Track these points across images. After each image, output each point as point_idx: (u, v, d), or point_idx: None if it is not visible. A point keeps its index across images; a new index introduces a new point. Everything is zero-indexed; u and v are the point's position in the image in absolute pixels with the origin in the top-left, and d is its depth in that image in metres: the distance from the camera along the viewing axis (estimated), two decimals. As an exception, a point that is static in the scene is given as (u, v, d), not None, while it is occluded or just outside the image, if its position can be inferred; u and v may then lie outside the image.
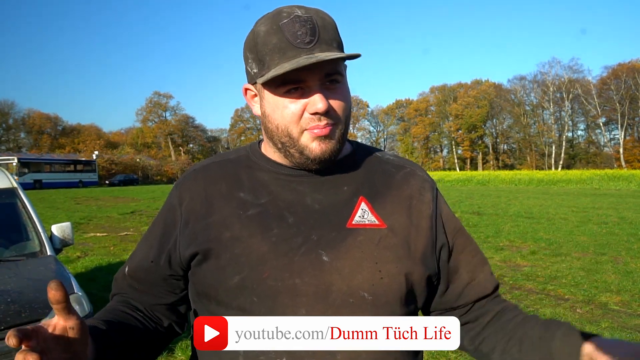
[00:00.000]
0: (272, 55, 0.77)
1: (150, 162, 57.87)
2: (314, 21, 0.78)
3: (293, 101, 0.79)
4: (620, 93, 56.09)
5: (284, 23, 0.77)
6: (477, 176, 41.91)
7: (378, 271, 0.79)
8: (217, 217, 0.83)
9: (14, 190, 3.68)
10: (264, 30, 0.78)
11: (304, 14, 0.78)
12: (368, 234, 0.81)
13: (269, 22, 0.79)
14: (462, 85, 73.02)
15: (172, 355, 3.70)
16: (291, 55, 0.76)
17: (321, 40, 0.77)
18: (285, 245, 0.79)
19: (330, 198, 0.84)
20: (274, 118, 0.81)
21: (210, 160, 0.94)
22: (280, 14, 0.78)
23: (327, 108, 0.78)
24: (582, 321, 4.32)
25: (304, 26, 0.77)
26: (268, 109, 0.82)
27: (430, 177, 0.94)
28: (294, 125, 0.80)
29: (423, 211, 0.86)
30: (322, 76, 0.78)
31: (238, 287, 0.78)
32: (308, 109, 0.78)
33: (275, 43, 0.77)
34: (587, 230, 9.76)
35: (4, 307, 2.57)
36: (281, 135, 0.81)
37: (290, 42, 0.76)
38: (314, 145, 0.80)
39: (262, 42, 0.78)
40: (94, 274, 6.33)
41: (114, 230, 10.87)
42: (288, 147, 0.82)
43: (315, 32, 0.77)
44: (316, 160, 0.81)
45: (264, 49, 0.78)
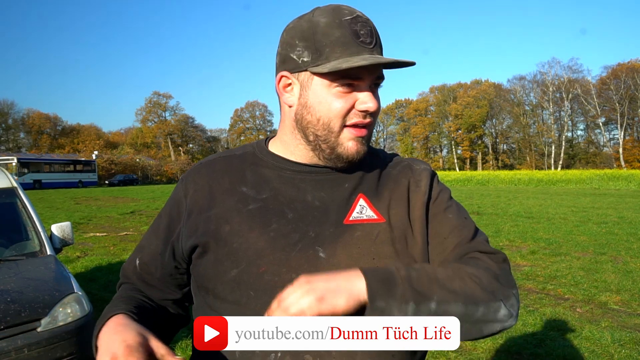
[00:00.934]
0: (334, 47, 0.78)
1: (149, 162, 57.81)
2: (372, 24, 0.81)
3: (344, 95, 0.80)
4: (619, 93, 56.07)
5: (346, 20, 0.78)
6: (476, 176, 41.87)
7: (376, 267, 0.79)
8: (218, 210, 0.84)
9: (13, 190, 3.68)
10: (325, 22, 0.79)
11: (363, 15, 0.81)
12: (366, 229, 0.82)
13: (330, 15, 0.79)
14: (462, 85, 73.01)
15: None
16: (354, 52, 0.77)
17: (378, 43, 0.80)
18: (283, 241, 0.79)
19: (331, 195, 0.85)
20: (318, 110, 0.81)
21: (217, 155, 0.95)
22: (342, 11, 0.80)
23: (377, 108, 0.81)
24: (582, 320, 4.32)
25: (365, 27, 0.79)
26: (312, 100, 0.81)
27: (430, 166, 0.93)
28: (338, 120, 0.81)
29: (418, 200, 0.86)
30: (375, 78, 0.80)
31: (235, 280, 0.78)
32: (357, 105, 0.80)
33: (339, 37, 0.77)
34: (586, 230, 9.76)
35: (4, 307, 2.57)
36: (320, 127, 0.82)
37: (353, 39, 0.77)
38: (350, 144, 0.82)
39: (323, 32, 0.78)
40: (93, 274, 6.32)
41: (113, 230, 10.86)
42: (322, 141, 0.82)
43: (374, 34, 0.80)
44: (348, 159, 0.83)
45: (324, 40, 0.78)
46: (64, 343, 2.64)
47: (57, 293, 2.81)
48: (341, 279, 0.71)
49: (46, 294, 2.78)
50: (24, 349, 2.50)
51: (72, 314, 2.75)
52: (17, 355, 2.47)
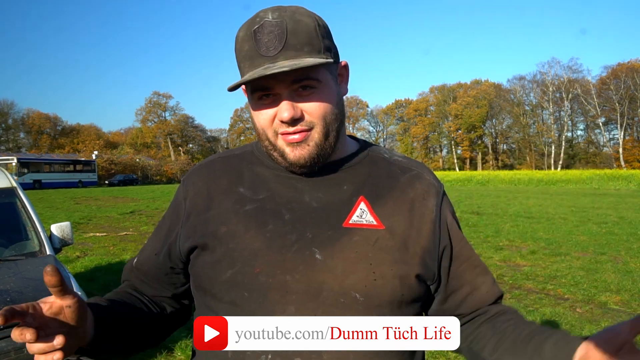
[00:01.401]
0: (244, 63, 0.78)
1: (149, 162, 57.82)
2: (284, 26, 0.76)
3: (264, 108, 0.80)
4: (619, 93, 56.08)
5: (255, 29, 0.77)
6: (476, 176, 41.88)
7: (372, 272, 0.78)
8: (215, 211, 0.84)
9: (13, 190, 3.68)
10: (241, 37, 0.79)
11: (276, 18, 0.76)
12: (365, 234, 0.80)
13: (245, 27, 0.79)
14: (462, 85, 73.02)
15: (172, 355, 3.70)
16: (257, 64, 0.76)
17: (288, 46, 0.76)
18: (279, 242, 0.79)
19: (330, 196, 0.84)
20: (256, 121, 0.83)
21: (217, 156, 0.95)
22: (255, 19, 0.78)
23: (292, 116, 0.77)
24: (582, 321, 4.33)
25: (271, 32, 0.76)
26: (252, 112, 0.84)
27: (439, 180, 0.92)
28: (269, 130, 0.81)
29: (425, 215, 0.85)
30: (289, 83, 0.77)
31: (230, 281, 0.78)
32: (277, 116, 0.79)
33: (247, 51, 0.78)
34: (586, 230, 9.76)
35: (3, 307, 2.57)
36: (263, 138, 0.83)
37: (257, 51, 0.76)
38: (288, 151, 0.81)
39: (238, 48, 0.79)
40: (93, 274, 6.32)
41: (113, 230, 10.86)
42: (270, 150, 0.83)
43: (283, 38, 0.75)
44: (294, 165, 0.81)
45: (239, 55, 0.80)
46: (63, 343, 2.64)
47: (56, 293, 2.81)
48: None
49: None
50: (23, 349, 2.50)
51: (72, 314, 2.75)
52: (16, 355, 2.47)
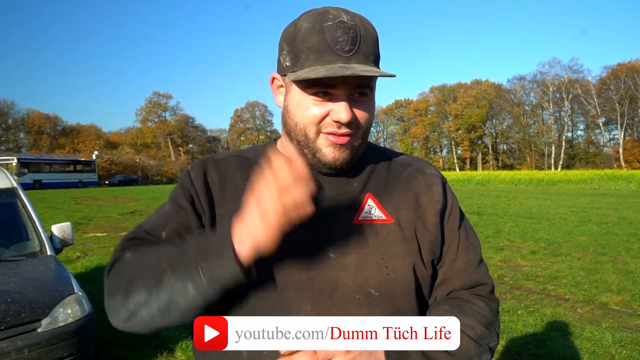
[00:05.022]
0: (309, 55, 0.77)
1: (149, 162, 57.87)
2: (358, 30, 0.77)
3: (318, 104, 0.79)
4: (619, 93, 56.03)
5: (327, 25, 0.76)
6: (476, 176, 41.86)
7: (385, 267, 0.80)
8: (228, 208, 0.84)
9: (13, 190, 3.68)
10: (306, 28, 0.78)
11: (349, 20, 0.77)
12: (375, 229, 0.82)
13: (313, 20, 0.78)
14: (462, 85, 72.91)
15: (172, 355, 3.70)
16: (327, 60, 0.75)
17: (360, 51, 0.77)
18: (292, 241, 0.79)
19: (339, 195, 0.85)
20: (295, 115, 0.81)
21: (228, 154, 0.94)
22: (326, 15, 0.78)
23: (351, 119, 0.78)
24: (583, 321, 4.32)
25: (346, 33, 0.76)
26: (292, 105, 0.82)
27: (440, 172, 0.94)
28: (313, 127, 0.80)
29: (431, 207, 0.87)
30: (352, 87, 0.78)
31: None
32: (331, 115, 0.78)
33: (315, 43, 0.76)
34: (587, 230, 9.76)
35: (4, 307, 2.57)
36: (298, 133, 0.82)
37: (329, 46, 0.76)
38: (328, 151, 0.81)
39: (302, 38, 0.78)
40: (94, 274, 6.32)
41: (113, 231, 10.86)
42: (303, 146, 0.82)
43: (356, 41, 0.76)
44: (327, 165, 0.82)
45: (302, 46, 0.77)
46: (64, 344, 2.64)
47: (57, 293, 2.81)
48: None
49: (46, 294, 2.78)
50: (24, 349, 2.50)
51: (73, 314, 2.75)
52: (17, 356, 2.47)
